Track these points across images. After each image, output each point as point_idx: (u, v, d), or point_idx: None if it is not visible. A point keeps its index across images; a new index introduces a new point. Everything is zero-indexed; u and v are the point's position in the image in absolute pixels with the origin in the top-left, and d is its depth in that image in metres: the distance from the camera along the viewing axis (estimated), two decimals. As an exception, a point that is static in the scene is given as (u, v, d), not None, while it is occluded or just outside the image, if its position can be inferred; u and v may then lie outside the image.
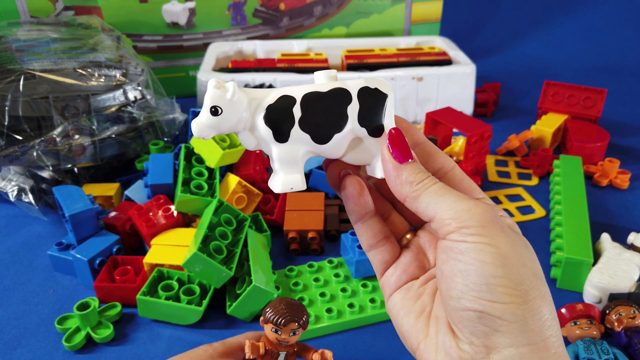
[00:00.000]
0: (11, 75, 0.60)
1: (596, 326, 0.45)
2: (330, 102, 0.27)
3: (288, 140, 0.27)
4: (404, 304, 0.29)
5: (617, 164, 0.69)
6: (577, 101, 0.79)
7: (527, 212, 0.64)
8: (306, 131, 0.27)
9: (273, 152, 0.27)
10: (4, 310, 0.50)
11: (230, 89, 0.26)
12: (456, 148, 0.68)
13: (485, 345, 0.25)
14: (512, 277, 0.24)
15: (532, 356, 0.24)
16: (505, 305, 0.24)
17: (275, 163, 0.27)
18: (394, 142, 0.27)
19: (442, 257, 0.26)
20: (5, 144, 0.60)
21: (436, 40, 0.96)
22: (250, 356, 0.35)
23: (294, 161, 0.27)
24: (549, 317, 0.25)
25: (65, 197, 0.53)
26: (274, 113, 0.26)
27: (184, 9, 0.91)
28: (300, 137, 0.27)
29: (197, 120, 0.26)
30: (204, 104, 0.26)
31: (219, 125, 0.26)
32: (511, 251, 0.25)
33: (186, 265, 0.47)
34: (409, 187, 0.27)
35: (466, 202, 0.26)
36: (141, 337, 0.48)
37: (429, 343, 0.27)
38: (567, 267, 0.51)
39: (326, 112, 0.27)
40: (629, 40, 1.16)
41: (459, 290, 0.25)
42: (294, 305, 0.35)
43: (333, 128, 0.27)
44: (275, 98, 0.27)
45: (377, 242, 0.30)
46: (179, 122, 0.70)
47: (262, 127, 0.26)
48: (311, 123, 0.27)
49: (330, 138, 0.27)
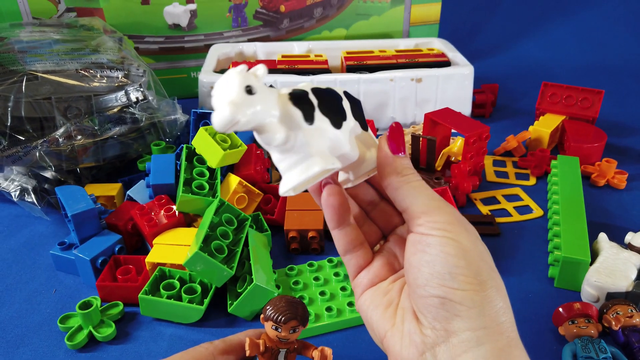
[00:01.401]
0: (14, 76, 0.61)
1: (594, 325, 0.45)
2: (331, 95, 0.29)
3: (314, 121, 0.27)
4: (374, 299, 0.32)
5: (614, 164, 0.70)
6: (575, 102, 0.79)
7: (525, 212, 0.65)
8: (325, 114, 0.28)
9: (301, 137, 0.27)
10: (7, 309, 0.51)
11: (261, 70, 0.26)
12: (455, 148, 0.69)
13: (446, 330, 0.27)
14: (472, 268, 0.27)
15: (487, 339, 0.27)
16: (465, 292, 0.27)
17: (305, 147, 0.27)
18: (393, 134, 0.31)
19: (410, 249, 0.29)
20: (8, 144, 0.61)
21: (435, 42, 0.97)
22: (250, 354, 0.36)
23: (324, 143, 0.28)
24: (503, 305, 0.28)
25: (68, 197, 0.54)
26: (299, 96, 0.27)
27: (185, 10, 0.92)
28: (322, 120, 0.28)
29: (229, 99, 0.24)
30: (230, 86, 0.24)
31: (255, 105, 0.24)
32: (472, 246, 0.28)
33: (187, 264, 0.47)
34: (395, 177, 0.30)
35: (438, 202, 0.29)
36: (143, 335, 0.48)
37: (395, 331, 0.30)
38: (564, 267, 0.52)
39: (331, 102, 0.29)
40: (626, 40, 1.17)
41: (425, 278, 0.28)
42: (294, 303, 0.35)
43: (340, 116, 0.29)
44: (289, 89, 0.28)
45: (352, 248, 0.33)
46: (180, 123, 0.71)
47: (292, 109, 0.26)
48: (326, 108, 0.28)
49: (342, 124, 0.29)
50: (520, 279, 0.54)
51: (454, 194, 0.64)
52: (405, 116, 0.85)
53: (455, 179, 0.65)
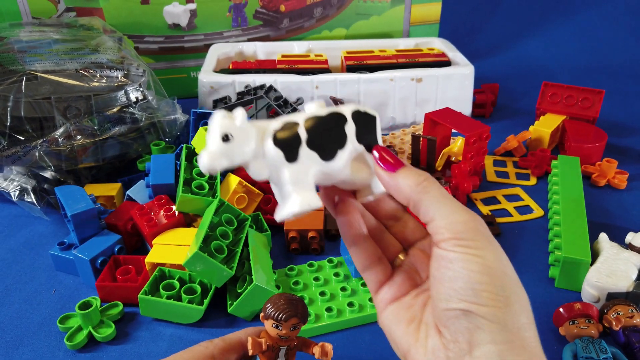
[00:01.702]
0: (13, 76, 0.61)
1: (594, 325, 0.45)
2: (330, 123, 0.29)
3: (298, 159, 0.28)
4: (397, 313, 0.31)
5: (614, 164, 0.70)
6: (575, 102, 0.79)
7: (525, 212, 0.65)
8: (313, 149, 0.28)
9: (285, 174, 0.28)
10: (6, 310, 0.51)
11: (240, 116, 0.27)
12: (455, 148, 0.69)
13: (468, 342, 0.27)
14: (496, 284, 0.27)
15: (509, 353, 0.26)
16: (488, 308, 0.26)
17: (288, 185, 0.28)
18: (382, 156, 0.30)
19: (434, 263, 0.29)
20: (8, 144, 0.61)
21: (435, 41, 0.97)
22: (253, 353, 0.36)
23: (307, 180, 0.28)
24: (527, 321, 0.27)
25: (67, 197, 0.53)
26: (282, 135, 0.28)
27: (185, 10, 0.92)
28: (309, 156, 0.28)
29: (207, 150, 0.26)
30: (212, 135, 0.26)
31: (232, 153, 0.26)
32: (496, 262, 0.28)
33: (187, 264, 0.47)
34: (410, 190, 0.29)
35: (461, 215, 0.28)
36: (143, 336, 0.48)
37: (418, 347, 0.29)
38: (565, 267, 0.51)
39: (328, 132, 0.29)
40: (627, 41, 1.17)
41: (448, 293, 0.27)
42: (294, 301, 0.35)
43: (336, 144, 0.29)
44: (280, 123, 0.28)
45: (370, 264, 0.32)
46: (180, 123, 0.71)
47: (273, 150, 0.27)
48: (317, 141, 0.28)
49: (335, 154, 0.29)
50: (521, 279, 0.53)
51: (454, 194, 0.64)
52: (405, 116, 0.85)
53: (455, 179, 0.64)
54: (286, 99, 0.71)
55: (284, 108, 0.70)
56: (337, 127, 0.29)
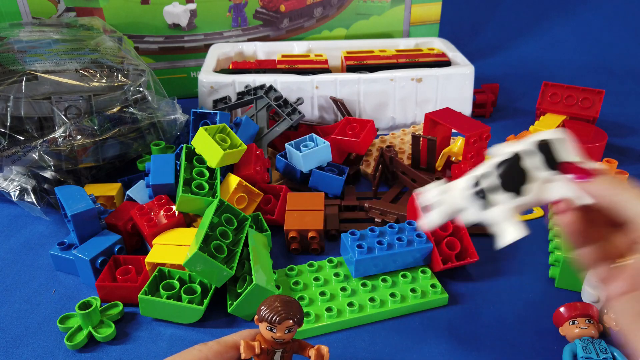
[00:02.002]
0: (13, 76, 0.61)
1: (594, 325, 0.45)
2: (511, 167, 0.36)
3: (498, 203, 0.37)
4: (632, 306, 0.32)
5: (615, 165, 0.69)
6: (575, 102, 0.79)
7: (525, 212, 0.65)
8: (507, 190, 0.38)
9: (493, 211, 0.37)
10: (6, 310, 0.51)
11: None
12: (455, 148, 0.69)
13: None
14: None
15: None
16: None
17: (497, 218, 0.38)
18: (576, 170, 0.34)
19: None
20: (8, 144, 0.61)
21: (435, 41, 0.97)
22: (245, 357, 0.35)
23: (511, 211, 0.38)
24: None
25: (67, 197, 0.53)
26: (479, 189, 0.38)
27: (185, 10, 0.92)
28: (506, 198, 0.38)
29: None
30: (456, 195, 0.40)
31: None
32: None
33: (187, 264, 0.47)
34: (606, 191, 0.31)
35: None
36: (142, 336, 0.48)
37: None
38: (565, 267, 0.51)
39: (512, 175, 0.37)
40: (627, 40, 1.17)
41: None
42: (288, 302, 0.35)
43: (519, 181, 0.37)
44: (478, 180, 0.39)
45: (600, 262, 0.34)
46: (180, 123, 0.71)
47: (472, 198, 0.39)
48: (507, 185, 0.37)
49: (520, 190, 0.37)
50: (521, 279, 0.54)
51: (454, 194, 0.64)
52: (405, 116, 0.85)
53: (455, 179, 0.64)
54: (286, 99, 0.71)
55: (284, 108, 0.70)
56: (515, 168, 0.36)
